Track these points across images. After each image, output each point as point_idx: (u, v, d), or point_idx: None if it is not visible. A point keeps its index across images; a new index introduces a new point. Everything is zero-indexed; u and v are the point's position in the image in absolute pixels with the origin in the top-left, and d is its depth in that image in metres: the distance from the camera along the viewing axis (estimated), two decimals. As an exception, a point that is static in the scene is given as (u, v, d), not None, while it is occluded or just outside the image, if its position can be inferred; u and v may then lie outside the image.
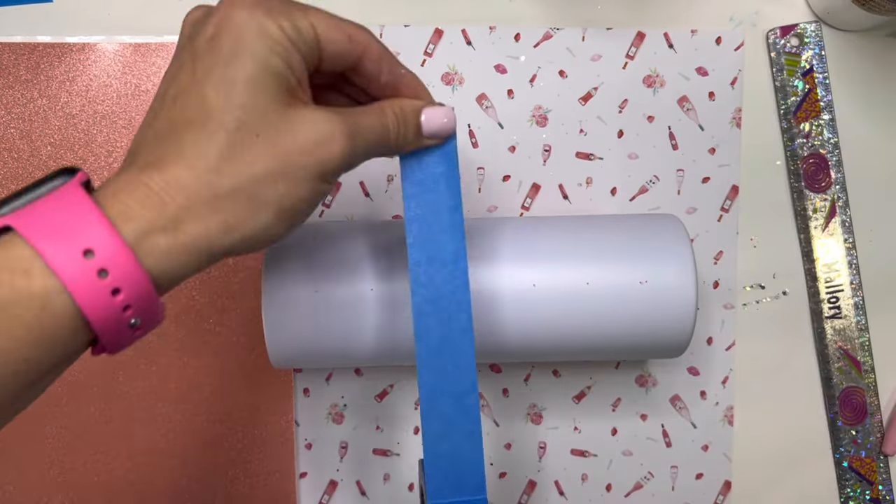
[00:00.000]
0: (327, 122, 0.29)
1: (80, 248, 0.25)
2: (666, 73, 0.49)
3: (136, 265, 0.26)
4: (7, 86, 0.46)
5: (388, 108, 0.32)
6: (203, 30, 0.29)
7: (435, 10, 0.49)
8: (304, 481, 0.49)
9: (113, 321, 0.26)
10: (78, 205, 0.26)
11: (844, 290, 0.50)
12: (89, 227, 0.25)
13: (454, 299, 0.34)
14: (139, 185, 0.27)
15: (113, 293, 0.25)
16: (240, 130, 0.27)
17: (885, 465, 0.50)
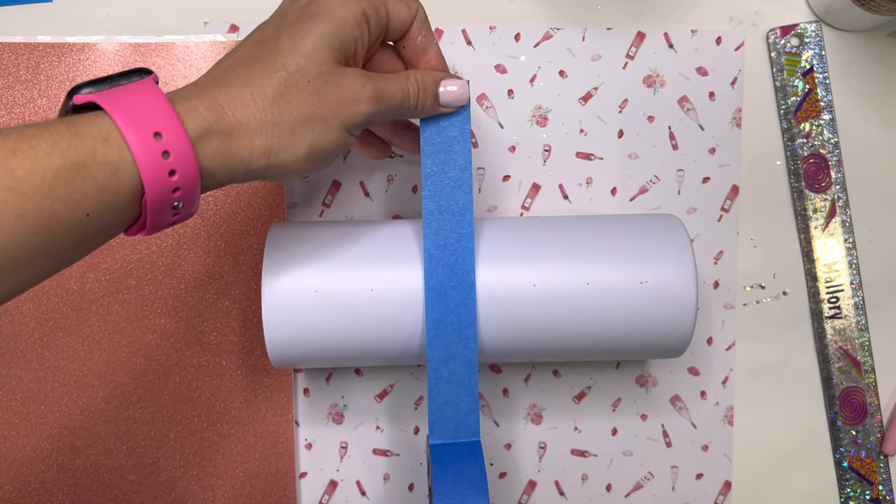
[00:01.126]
0: (361, 85, 0.35)
1: (151, 129, 0.29)
2: (666, 73, 0.49)
3: (192, 154, 0.30)
4: (7, 86, 0.46)
5: (412, 77, 0.37)
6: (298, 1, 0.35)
7: (435, 10, 0.49)
8: (304, 481, 0.49)
9: (163, 197, 0.30)
10: (153, 95, 0.30)
11: (844, 290, 0.50)
12: (161, 114, 0.30)
13: (460, 246, 0.39)
14: (207, 95, 0.32)
15: (170, 174, 0.30)
16: (296, 74, 0.33)
17: (885, 464, 0.50)
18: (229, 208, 0.47)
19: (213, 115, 0.31)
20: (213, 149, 0.31)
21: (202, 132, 0.31)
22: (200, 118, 0.31)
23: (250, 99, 0.32)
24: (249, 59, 0.33)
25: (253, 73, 0.33)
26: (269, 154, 0.33)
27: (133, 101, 0.30)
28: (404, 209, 0.49)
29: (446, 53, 0.48)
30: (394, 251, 0.40)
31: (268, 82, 0.33)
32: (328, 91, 0.34)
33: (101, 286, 0.47)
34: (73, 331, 0.47)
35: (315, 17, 0.34)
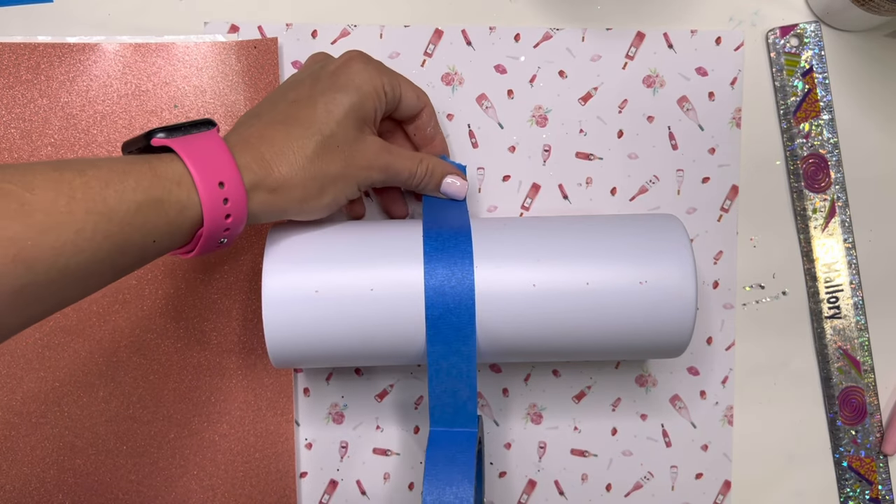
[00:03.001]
0: (376, 156, 0.41)
1: (217, 179, 0.35)
2: (666, 73, 0.49)
3: (245, 202, 0.36)
4: (7, 86, 0.46)
5: (424, 162, 0.43)
6: (326, 66, 0.41)
7: (435, 10, 0.49)
8: (304, 481, 0.49)
9: (216, 234, 0.36)
10: (219, 148, 0.36)
11: (844, 289, 0.50)
12: (225, 166, 0.35)
13: (459, 246, 0.41)
14: (256, 152, 0.37)
15: (225, 216, 0.36)
16: (330, 139, 0.39)
17: (884, 464, 0.50)
18: (229, 208, 0.47)
19: (262, 170, 0.37)
20: (261, 199, 0.37)
21: (253, 185, 0.36)
22: (253, 173, 0.36)
23: (293, 157, 0.38)
24: (289, 118, 0.39)
25: (293, 133, 0.38)
26: (303, 203, 0.38)
27: (202, 150, 0.35)
28: (405, 209, 0.49)
29: (446, 53, 0.49)
30: (394, 251, 0.40)
31: (307, 144, 0.38)
32: (352, 156, 0.40)
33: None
34: (74, 331, 0.47)
35: (345, 88, 0.40)
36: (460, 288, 0.39)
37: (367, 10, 0.48)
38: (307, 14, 0.48)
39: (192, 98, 0.47)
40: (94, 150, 0.47)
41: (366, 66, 0.41)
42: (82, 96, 0.47)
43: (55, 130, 0.46)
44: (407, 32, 0.48)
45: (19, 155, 0.46)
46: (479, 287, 0.40)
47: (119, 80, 0.47)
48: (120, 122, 0.47)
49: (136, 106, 0.47)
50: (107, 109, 0.47)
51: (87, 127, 0.47)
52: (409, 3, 0.49)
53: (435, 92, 0.48)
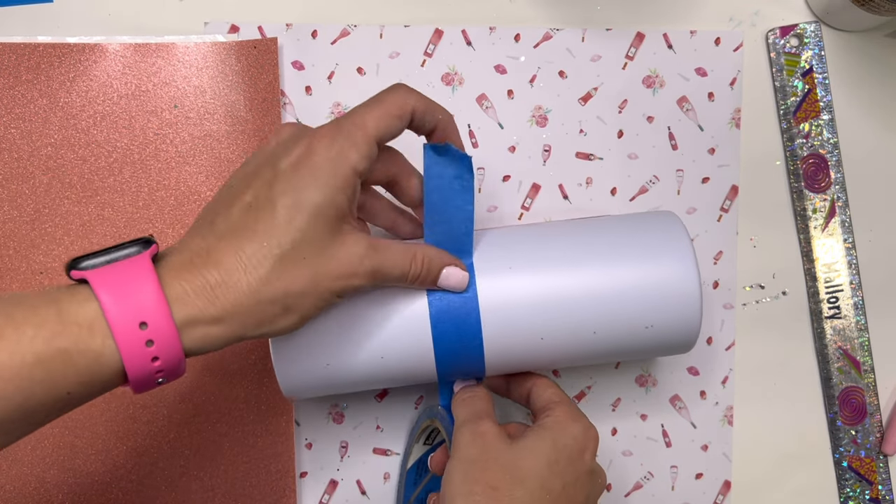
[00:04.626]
0: (360, 260, 0.35)
1: (138, 319, 0.30)
2: (665, 73, 0.49)
3: (177, 341, 0.31)
4: (8, 86, 0.46)
5: (419, 256, 0.37)
6: (288, 154, 0.34)
7: (435, 10, 0.49)
8: (304, 481, 0.49)
9: (146, 378, 0.31)
10: (145, 279, 0.31)
11: (844, 289, 0.50)
12: (150, 303, 0.30)
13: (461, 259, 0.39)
14: (199, 277, 0.32)
15: (153, 360, 0.31)
16: (292, 251, 0.33)
17: (884, 464, 0.50)
18: (229, 208, 0.47)
19: (203, 302, 0.31)
20: (201, 334, 0.32)
21: (189, 320, 0.31)
22: (190, 306, 0.31)
23: (243, 280, 0.32)
24: (244, 229, 0.33)
25: (246, 249, 0.33)
26: (259, 327, 0.33)
27: (124, 284, 0.30)
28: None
29: (446, 53, 0.49)
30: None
31: (262, 261, 0.32)
32: (323, 266, 0.34)
33: (101, 286, 0.47)
34: (74, 331, 0.47)
35: (307, 187, 0.33)
36: (466, 317, 0.39)
37: (367, 10, 0.48)
38: (307, 14, 0.48)
39: (192, 98, 0.47)
40: (93, 149, 0.47)
41: (329, 150, 0.34)
42: (82, 96, 0.47)
43: (55, 130, 0.46)
44: (407, 32, 0.48)
45: (19, 155, 0.46)
46: (484, 300, 0.39)
47: (119, 80, 0.47)
48: (120, 122, 0.47)
49: (136, 106, 0.47)
50: (107, 109, 0.47)
51: (87, 127, 0.47)
52: (409, 3, 0.49)
53: (435, 92, 0.48)
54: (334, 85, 0.48)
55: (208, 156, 0.47)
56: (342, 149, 0.34)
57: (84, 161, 0.47)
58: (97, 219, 0.47)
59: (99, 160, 0.47)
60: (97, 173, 0.47)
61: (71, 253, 0.46)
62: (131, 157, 0.47)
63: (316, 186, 0.33)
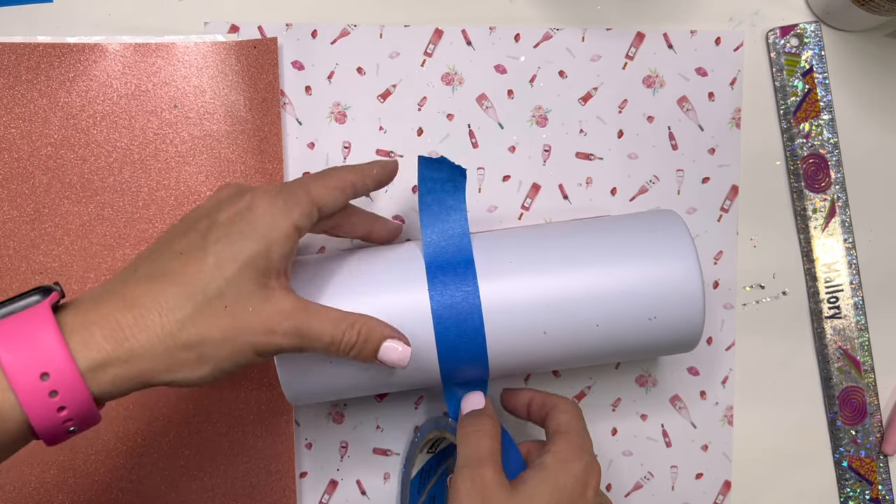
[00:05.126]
0: (282, 318, 0.34)
1: (38, 370, 0.29)
2: (665, 73, 0.49)
3: (84, 389, 0.30)
4: (7, 86, 0.46)
5: (356, 326, 0.36)
6: (226, 208, 0.34)
7: (435, 10, 0.49)
8: (304, 481, 0.49)
9: (54, 429, 0.30)
10: (46, 328, 0.30)
11: (844, 289, 0.50)
12: (50, 352, 0.29)
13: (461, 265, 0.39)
14: (110, 318, 0.31)
15: (59, 409, 0.30)
16: (215, 299, 0.32)
17: (884, 464, 0.50)
18: (229, 208, 0.47)
19: (111, 344, 0.31)
20: (110, 376, 0.31)
21: (97, 364, 0.30)
22: (97, 349, 0.30)
23: (157, 322, 0.31)
24: (168, 274, 0.32)
25: (167, 291, 0.32)
26: (170, 372, 0.32)
27: (21, 335, 0.30)
28: (404, 209, 0.49)
29: (446, 53, 0.49)
30: (397, 278, 0.40)
31: (181, 304, 0.32)
32: (245, 317, 0.33)
33: (101, 286, 0.47)
34: (74, 331, 0.47)
35: (243, 238, 0.33)
36: (468, 315, 0.39)
37: (367, 10, 0.48)
38: (307, 14, 0.48)
39: (192, 98, 0.47)
40: (93, 149, 0.47)
41: (272, 205, 0.34)
42: (82, 96, 0.47)
43: (55, 130, 0.46)
44: (407, 32, 0.48)
45: (19, 154, 0.46)
46: (485, 303, 0.39)
47: (119, 80, 0.47)
48: (120, 122, 0.47)
49: (136, 106, 0.47)
50: (107, 109, 0.47)
51: (86, 127, 0.47)
52: (409, 3, 0.48)
53: (435, 92, 0.48)
54: (334, 85, 0.48)
55: (208, 156, 0.47)
56: (285, 204, 0.34)
57: (84, 161, 0.47)
58: (97, 219, 0.47)
59: (99, 160, 0.47)
60: (97, 173, 0.47)
61: (71, 253, 0.46)
62: (131, 156, 0.47)
63: (252, 238, 0.33)
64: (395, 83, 0.48)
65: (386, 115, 0.48)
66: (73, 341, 0.30)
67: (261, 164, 0.47)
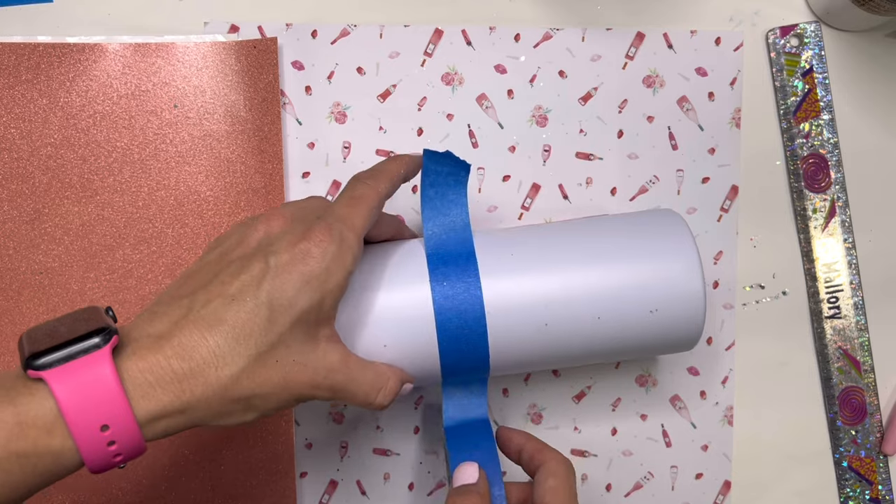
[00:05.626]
0: (325, 374, 0.35)
1: (99, 422, 0.29)
2: (665, 73, 0.49)
3: (140, 439, 0.31)
4: (7, 86, 0.46)
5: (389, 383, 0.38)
6: (280, 251, 0.34)
7: (435, 10, 0.49)
8: (304, 481, 0.49)
9: (105, 466, 0.31)
10: (105, 379, 0.30)
11: (844, 289, 0.50)
12: (111, 406, 0.30)
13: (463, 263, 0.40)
14: (166, 366, 0.31)
15: (114, 455, 0.30)
16: (267, 353, 0.32)
17: (884, 464, 0.50)
18: (229, 208, 0.47)
19: (169, 396, 0.31)
20: (163, 426, 0.31)
21: (154, 416, 0.31)
22: (155, 401, 0.31)
23: (213, 375, 0.31)
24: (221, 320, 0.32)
25: (222, 345, 0.32)
26: (219, 418, 0.33)
27: (84, 385, 0.29)
28: (405, 210, 0.49)
29: (446, 53, 0.49)
30: (399, 275, 0.40)
31: (235, 359, 0.32)
32: (293, 370, 0.33)
33: (101, 286, 0.47)
34: (73, 331, 0.47)
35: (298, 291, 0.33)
36: (470, 306, 0.39)
37: (367, 10, 0.48)
38: (307, 14, 0.48)
39: (191, 98, 0.47)
40: (93, 149, 0.47)
41: (325, 253, 0.34)
42: (82, 96, 0.47)
43: (55, 130, 0.46)
44: (407, 32, 0.48)
45: (19, 154, 0.46)
46: (487, 302, 0.39)
47: (119, 80, 0.47)
48: (120, 122, 0.47)
49: (136, 106, 0.47)
50: (107, 109, 0.47)
51: (86, 127, 0.47)
52: (409, 3, 0.48)
53: (435, 92, 0.48)
54: (334, 85, 0.48)
55: (208, 156, 0.47)
56: (338, 254, 0.34)
57: (84, 161, 0.47)
58: (97, 219, 0.47)
59: (99, 160, 0.47)
60: (97, 173, 0.47)
61: (71, 253, 0.46)
62: (131, 156, 0.47)
63: (306, 291, 0.33)
64: (395, 83, 0.48)
65: (386, 115, 0.48)
66: (133, 394, 0.30)
67: (261, 163, 0.47)
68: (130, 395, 0.30)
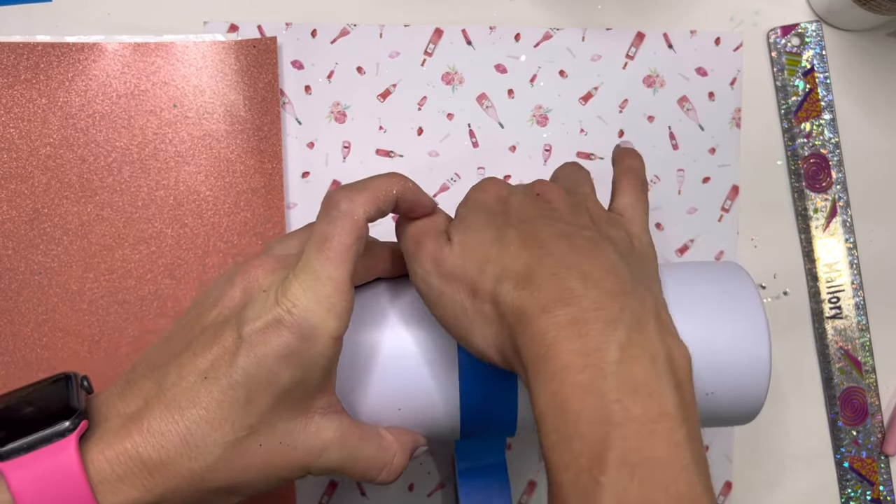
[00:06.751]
0: (322, 449, 0.31)
1: None
2: (666, 73, 0.49)
3: None
4: (7, 85, 0.46)
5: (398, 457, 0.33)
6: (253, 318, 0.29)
7: (435, 10, 0.49)
8: (303, 481, 0.49)
9: None
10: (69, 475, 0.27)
11: (845, 290, 0.50)
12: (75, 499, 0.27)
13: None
14: (137, 460, 0.28)
15: None
16: (247, 439, 0.29)
17: (885, 465, 0.50)
18: (228, 208, 0.47)
19: (139, 490, 0.28)
20: None
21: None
22: (123, 496, 0.28)
23: (187, 467, 0.28)
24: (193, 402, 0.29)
25: (195, 432, 0.28)
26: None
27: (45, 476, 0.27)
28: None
29: (446, 53, 0.48)
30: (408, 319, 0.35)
31: (212, 448, 0.28)
32: (280, 453, 0.30)
33: (100, 286, 0.47)
34: (73, 331, 0.47)
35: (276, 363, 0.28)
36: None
37: (366, 10, 0.48)
38: (307, 13, 0.48)
39: (191, 97, 0.47)
40: (93, 149, 0.46)
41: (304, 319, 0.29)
42: (81, 96, 0.47)
43: (54, 130, 0.46)
44: (407, 32, 0.48)
45: (18, 154, 0.46)
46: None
47: (118, 79, 0.47)
48: (119, 122, 0.47)
49: (136, 105, 0.47)
50: (106, 109, 0.47)
51: (85, 126, 0.47)
52: (408, 3, 0.48)
53: (435, 91, 0.48)
54: (334, 84, 0.48)
55: (208, 155, 0.47)
56: (319, 318, 0.29)
57: (83, 161, 0.46)
58: (96, 218, 0.46)
59: (98, 160, 0.47)
60: (96, 173, 0.47)
61: (70, 253, 0.46)
62: (130, 156, 0.47)
63: (286, 366, 0.29)
64: (394, 83, 0.48)
65: (386, 114, 0.48)
66: (100, 489, 0.28)
67: (260, 163, 0.47)
68: (97, 490, 0.27)
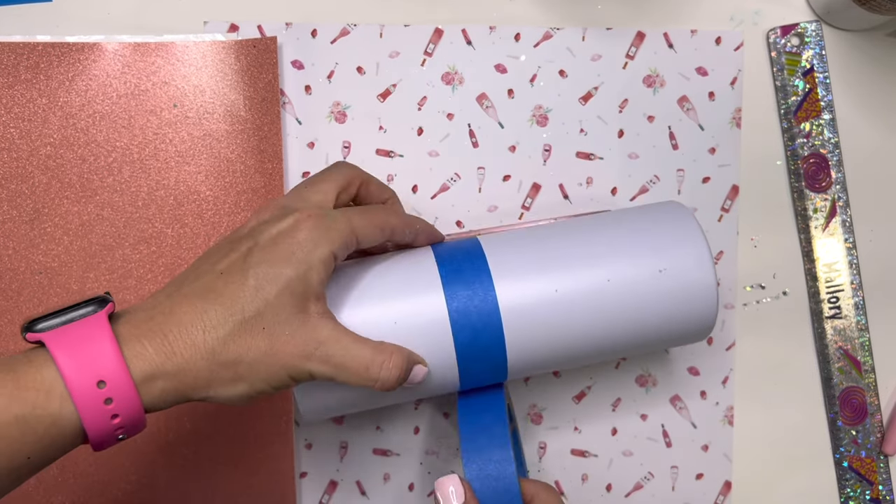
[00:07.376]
0: (316, 345, 0.34)
1: (95, 378, 0.30)
2: (666, 73, 0.49)
3: (136, 398, 0.31)
4: (7, 85, 0.46)
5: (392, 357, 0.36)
6: (269, 229, 0.35)
7: (435, 10, 0.49)
8: (304, 481, 0.49)
9: (106, 436, 0.32)
10: (102, 337, 0.31)
11: (845, 289, 0.50)
12: (107, 361, 0.31)
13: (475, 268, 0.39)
14: (158, 333, 0.32)
15: (112, 417, 0.31)
16: (253, 319, 0.33)
17: (885, 464, 0.50)
18: (229, 207, 0.47)
19: (160, 357, 0.32)
20: (159, 389, 0.32)
21: (148, 376, 0.32)
22: (148, 361, 0.32)
23: (201, 339, 0.33)
24: (210, 292, 0.34)
25: (210, 310, 0.33)
26: (209, 388, 0.33)
27: (80, 343, 0.31)
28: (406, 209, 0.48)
29: (446, 53, 0.48)
30: (411, 282, 0.39)
31: (222, 323, 0.33)
32: (281, 340, 0.34)
33: (100, 286, 0.47)
34: (73, 331, 0.47)
35: (283, 261, 0.34)
36: (485, 308, 0.39)
37: (366, 10, 0.48)
38: (307, 13, 0.48)
39: (191, 97, 0.47)
40: (93, 149, 0.46)
41: (313, 230, 0.35)
42: (81, 96, 0.47)
43: (54, 130, 0.46)
44: (407, 32, 0.48)
45: (18, 154, 0.46)
46: (501, 303, 0.39)
47: (118, 79, 0.47)
48: (119, 122, 0.47)
49: (136, 105, 0.47)
50: (106, 109, 0.47)
51: (86, 126, 0.47)
52: (408, 3, 0.48)
53: (435, 91, 0.48)
54: (334, 84, 0.48)
55: (208, 155, 0.47)
56: (327, 231, 0.35)
57: (83, 160, 0.46)
58: (96, 218, 0.47)
59: (98, 160, 0.47)
60: (96, 173, 0.47)
61: (70, 252, 0.46)
62: (130, 156, 0.47)
63: (292, 262, 0.34)
64: (394, 83, 0.48)
65: (386, 114, 0.48)
66: (128, 352, 0.32)
67: (260, 163, 0.47)
68: (125, 353, 0.31)
